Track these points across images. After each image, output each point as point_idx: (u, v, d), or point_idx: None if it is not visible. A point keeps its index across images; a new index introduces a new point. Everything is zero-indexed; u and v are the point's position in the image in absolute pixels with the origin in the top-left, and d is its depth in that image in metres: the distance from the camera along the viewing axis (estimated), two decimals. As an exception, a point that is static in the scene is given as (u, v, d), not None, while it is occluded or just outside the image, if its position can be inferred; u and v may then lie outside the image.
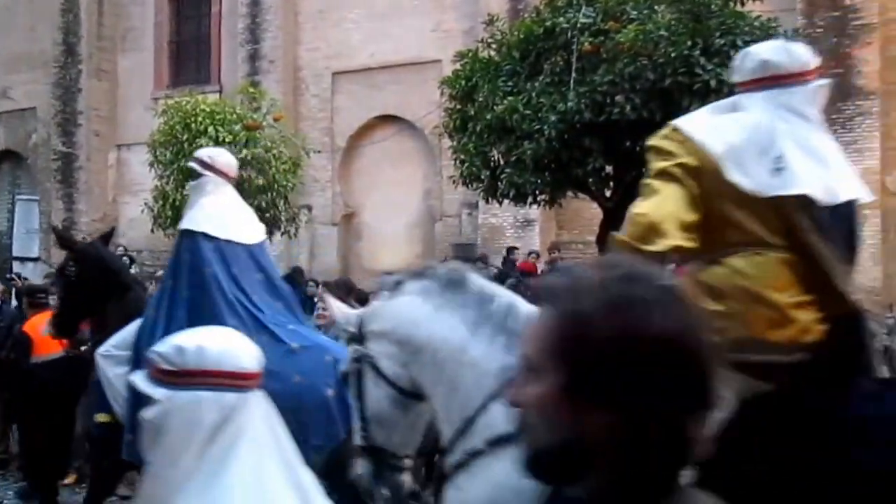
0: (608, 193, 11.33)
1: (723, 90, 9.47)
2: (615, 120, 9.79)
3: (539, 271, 16.00)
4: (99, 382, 5.37)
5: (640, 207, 2.78)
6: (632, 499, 1.25)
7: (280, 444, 2.22)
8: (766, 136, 2.85)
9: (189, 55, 25.10)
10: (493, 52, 11.47)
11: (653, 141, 2.98)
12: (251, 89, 17.80)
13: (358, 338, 3.48)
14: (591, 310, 1.22)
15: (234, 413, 2.11)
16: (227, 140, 15.36)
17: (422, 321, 3.21)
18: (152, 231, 17.85)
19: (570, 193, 11.88)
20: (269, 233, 16.60)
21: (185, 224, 5.25)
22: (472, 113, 11.15)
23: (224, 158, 5.54)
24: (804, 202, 2.78)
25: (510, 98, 10.42)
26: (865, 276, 16.11)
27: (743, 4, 10.57)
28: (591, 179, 10.91)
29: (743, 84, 3.05)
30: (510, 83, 10.72)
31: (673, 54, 9.57)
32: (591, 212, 14.82)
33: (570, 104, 9.87)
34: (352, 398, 3.52)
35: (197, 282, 5.04)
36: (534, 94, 10.30)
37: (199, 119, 15.61)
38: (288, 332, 5.05)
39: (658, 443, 1.22)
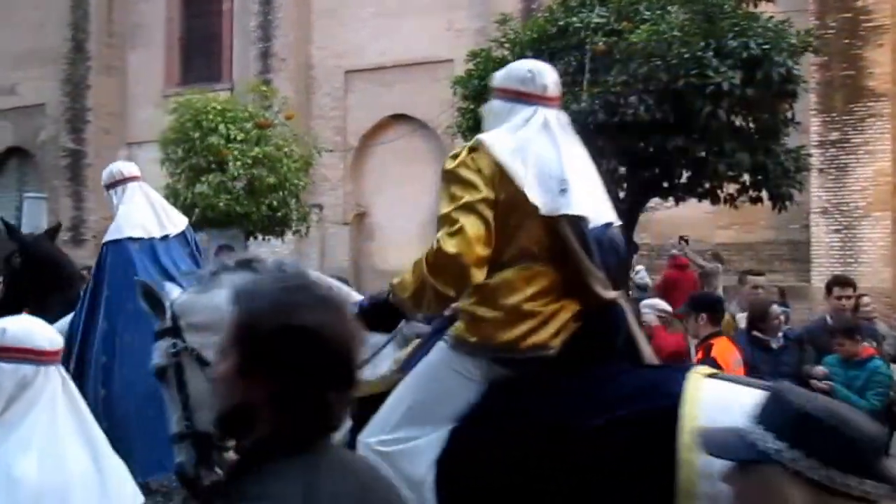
0: (621, 195, 11.32)
1: (734, 92, 9.51)
2: (628, 121, 9.79)
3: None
4: None
5: (450, 246, 2.99)
6: (281, 449, 1.66)
7: (75, 407, 2.78)
8: (553, 159, 3.18)
9: (200, 52, 25.10)
10: (505, 52, 11.47)
11: (454, 167, 3.16)
12: (262, 87, 17.81)
13: (173, 331, 3.64)
14: (259, 308, 1.68)
15: (31, 382, 2.67)
16: (237, 138, 15.40)
17: None
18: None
19: (581, 194, 11.86)
20: (281, 232, 16.66)
21: (107, 237, 5.66)
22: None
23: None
24: (574, 220, 3.18)
25: (523, 98, 10.42)
26: (876, 278, 16.09)
27: (756, 6, 10.57)
28: (603, 180, 10.88)
29: (531, 96, 3.29)
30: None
31: (686, 55, 9.57)
32: (602, 212, 14.80)
33: (582, 104, 9.87)
34: (171, 391, 3.66)
35: (117, 281, 5.33)
36: (546, 95, 10.30)
37: (210, 117, 15.62)
38: None
39: (303, 408, 1.66)
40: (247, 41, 23.19)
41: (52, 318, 5.60)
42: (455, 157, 3.21)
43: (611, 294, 3.22)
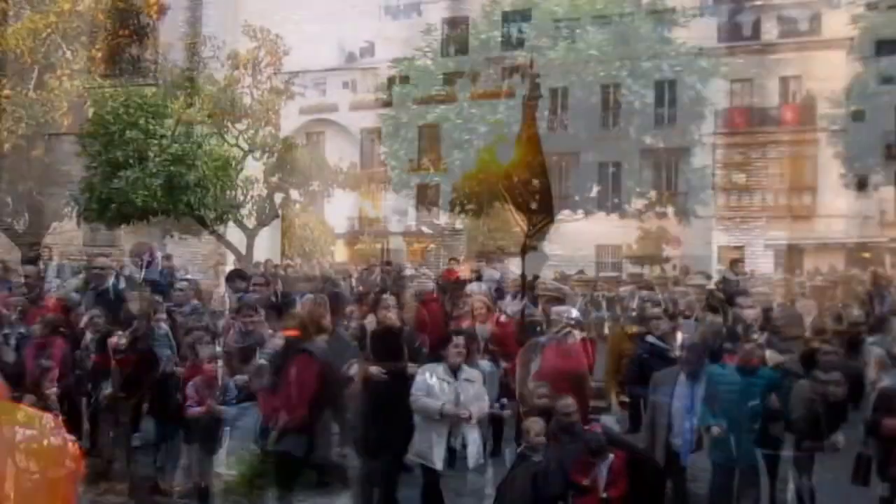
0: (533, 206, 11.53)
1: (646, 111, 9.84)
2: (543, 134, 9.98)
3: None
4: None
5: None
6: None
7: None
8: None
9: (127, 45, 24.81)
10: (428, 62, 11.63)
11: None
12: (187, 84, 17.69)
13: None
14: None
15: None
16: (159, 133, 15.29)
17: None
18: (78, 224, 17.65)
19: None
20: (199, 231, 16.57)
21: None
22: (405, 120, 11.32)
23: None
24: None
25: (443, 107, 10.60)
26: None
27: (670, 31, 10.91)
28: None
29: None
30: (444, 92, 10.89)
31: (601, 73, 9.85)
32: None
33: (499, 116, 10.08)
34: None
35: None
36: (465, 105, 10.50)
37: (132, 111, 15.48)
38: None
39: None
40: (175, 37, 23.03)
41: None
42: None
43: None
